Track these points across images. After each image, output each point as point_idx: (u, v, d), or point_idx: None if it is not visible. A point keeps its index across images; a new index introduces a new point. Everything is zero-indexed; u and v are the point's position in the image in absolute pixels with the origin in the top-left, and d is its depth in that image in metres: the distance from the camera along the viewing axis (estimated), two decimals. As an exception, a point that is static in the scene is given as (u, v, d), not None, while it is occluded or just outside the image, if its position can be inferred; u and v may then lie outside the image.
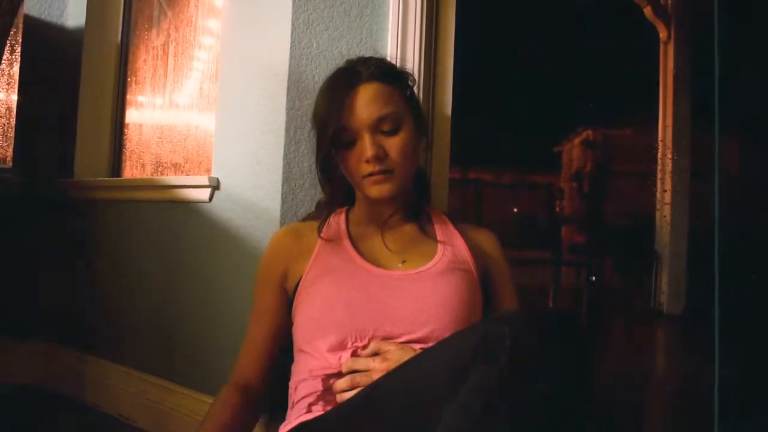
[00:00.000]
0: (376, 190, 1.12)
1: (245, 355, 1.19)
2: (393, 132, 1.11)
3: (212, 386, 1.59)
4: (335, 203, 1.25)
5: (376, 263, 1.13)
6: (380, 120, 1.10)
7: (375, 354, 1.02)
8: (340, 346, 1.04)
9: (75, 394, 2.04)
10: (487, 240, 1.24)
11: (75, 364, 2.06)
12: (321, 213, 1.26)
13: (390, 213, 1.19)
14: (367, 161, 1.10)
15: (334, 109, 1.11)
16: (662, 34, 5.55)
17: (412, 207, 1.22)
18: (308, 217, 1.32)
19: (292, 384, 1.11)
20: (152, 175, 2.13)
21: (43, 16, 2.28)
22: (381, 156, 1.10)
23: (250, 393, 1.16)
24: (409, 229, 1.21)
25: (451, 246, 1.17)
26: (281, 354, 1.20)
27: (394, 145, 1.11)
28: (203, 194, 1.69)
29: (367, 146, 1.10)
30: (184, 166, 2.02)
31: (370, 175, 1.11)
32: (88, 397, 2.00)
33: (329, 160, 1.16)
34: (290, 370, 1.14)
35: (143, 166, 2.19)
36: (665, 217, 5.40)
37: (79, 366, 2.04)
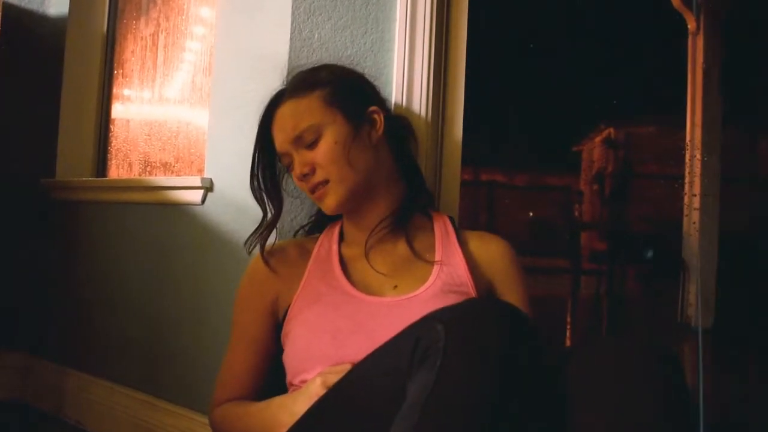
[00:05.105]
0: (324, 206, 1.20)
1: (229, 380, 1.23)
2: (315, 143, 1.17)
3: (201, 402, 1.59)
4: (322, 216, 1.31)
5: (367, 289, 1.16)
6: (298, 138, 1.17)
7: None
8: None
9: (54, 410, 2.04)
10: (495, 251, 1.24)
11: (54, 378, 2.07)
12: (318, 222, 1.34)
13: (372, 224, 1.21)
14: (299, 180, 1.19)
15: (258, 140, 1.25)
16: (690, 25, 5.54)
17: (401, 215, 1.23)
18: (307, 229, 1.37)
19: None
20: (140, 175, 2.14)
21: (22, 4, 2.29)
22: (307, 171, 1.17)
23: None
24: (402, 247, 1.22)
25: (447, 265, 1.18)
26: (270, 386, 1.22)
27: (317, 155, 1.17)
28: (195, 196, 1.69)
29: (294, 166, 1.19)
30: (174, 166, 2.03)
31: (312, 191, 1.19)
32: (68, 414, 2.00)
33: (268, 181, 1.27)
34: None
35: (130, 165, 2.20)
36: (694, 223, 5.38)
37: (58, 380, 2.05)
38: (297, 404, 1.02)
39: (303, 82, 1.22)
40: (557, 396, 0.85)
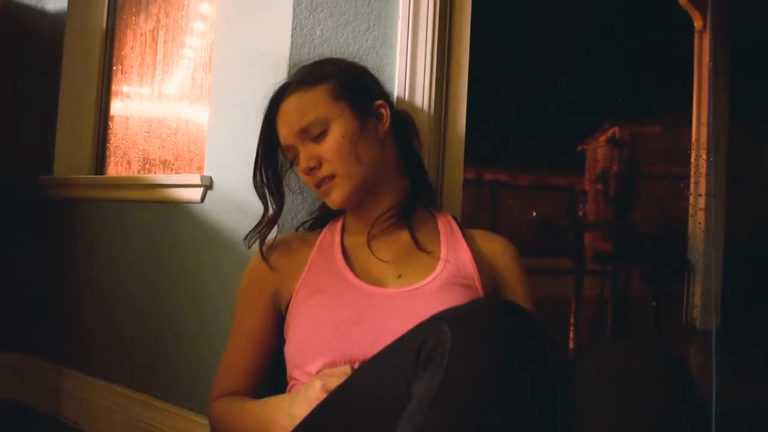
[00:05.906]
0: (330, 201, 1.20)
1: (228, 374, 1.23)
2: (321, 136, 1.16)
3: (200, 403, 1.59)
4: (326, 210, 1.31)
5: (370, 279, 1.16)
6: (303, 131, 1.17)
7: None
8: None
9: (51, 411, 2.04)
10: (499, 249, 1.25)
11: (52, 378, 2.07)
12: (320, 218, 1.33)
13: (375, 217, 1.21)
14: (305, 174, 1.19)
15: (262, 134, 1.23)
16: (697, 23, 5.53)
17: (405, 208, 1.23)
18: (308, 225, 1.37)
19: None
20: (139, 172, 2.14)
21: (21, -1, 2.30)
22: (314, 165, 1.17)
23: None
24: (406, 238, 1.22)
25: (454, 258, 1.18)
26: (270, 379, 1.22)
27: (324, 149, 1.16)
28: (195, 194, 1.69)
29: (300, 160, 1.19)
30: (173, 164, 2.03)
31: (318, 186, 1.19)
32: (65, 414, 2.00)
33: (271, 177, 1.26)
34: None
35: (129, 162, 2.19)
36: (699, 224, 5.37)
37: (56, 380, 2.05)
38: (294, 407, 1.01)
39: (308, 75, 1.21)
40: (564, 397, 0.85)
